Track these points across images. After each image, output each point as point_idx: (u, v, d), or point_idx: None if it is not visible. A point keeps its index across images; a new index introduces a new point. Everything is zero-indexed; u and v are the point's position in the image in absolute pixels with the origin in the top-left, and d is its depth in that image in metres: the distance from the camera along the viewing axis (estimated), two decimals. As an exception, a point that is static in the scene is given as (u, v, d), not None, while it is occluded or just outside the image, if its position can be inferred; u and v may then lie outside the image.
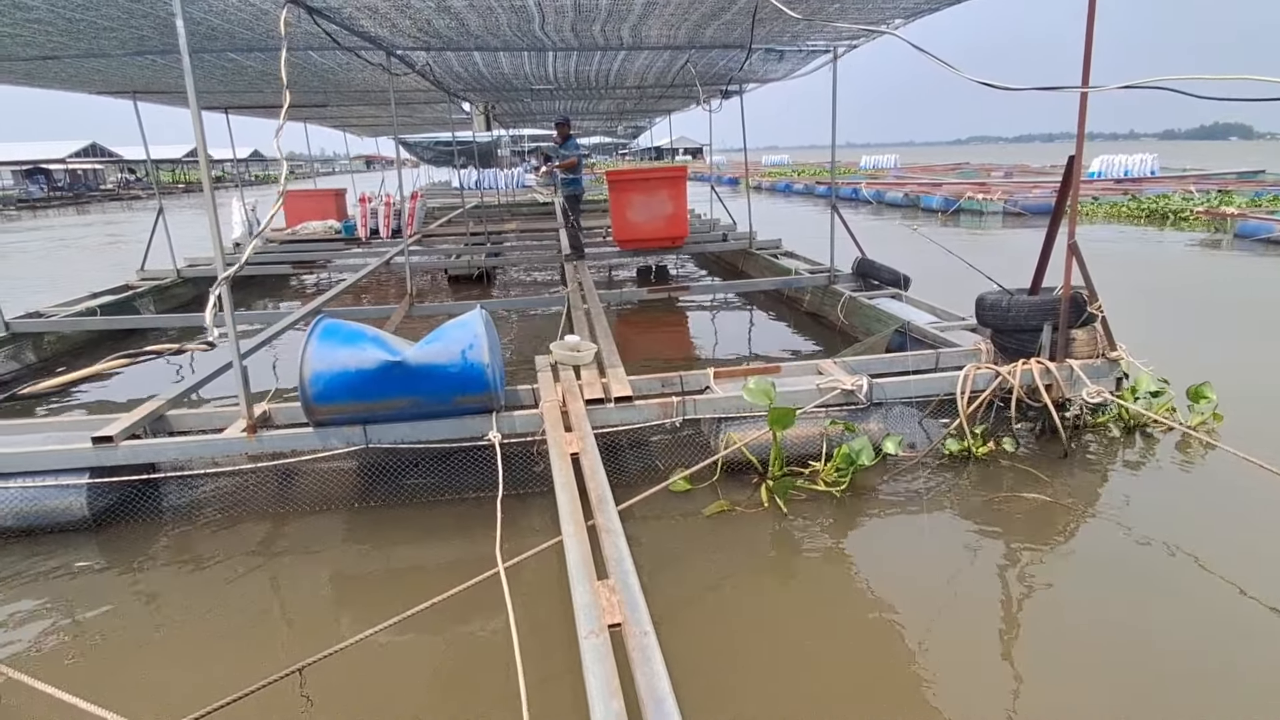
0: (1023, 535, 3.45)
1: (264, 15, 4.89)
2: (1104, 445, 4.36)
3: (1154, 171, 25.91)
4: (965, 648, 2.71)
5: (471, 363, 3.80)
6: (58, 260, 16.53)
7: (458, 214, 17.93)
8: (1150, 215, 16.56)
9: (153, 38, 5.42)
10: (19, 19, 4.44)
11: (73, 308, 7.83)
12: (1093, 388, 4.26)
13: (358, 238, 13.32)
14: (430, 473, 4.11)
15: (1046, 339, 4.41)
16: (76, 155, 42.19)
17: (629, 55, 7.33)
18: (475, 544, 3.50)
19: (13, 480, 3.63)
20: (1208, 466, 4.09)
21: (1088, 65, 3.69)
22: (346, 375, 3.72)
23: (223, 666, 2.73)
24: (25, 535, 3.69)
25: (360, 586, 3.32)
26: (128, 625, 3.06)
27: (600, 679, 2.02)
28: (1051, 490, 3.82)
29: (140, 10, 4.47)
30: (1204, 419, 4.43)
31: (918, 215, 20.09)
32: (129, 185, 46.46)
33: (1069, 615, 2.88)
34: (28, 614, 3.13)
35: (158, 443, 3.89)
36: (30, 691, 2.26)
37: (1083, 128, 3.94)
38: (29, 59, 5.94)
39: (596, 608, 2.33)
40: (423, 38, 5.97)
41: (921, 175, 31.55)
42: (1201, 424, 4.40)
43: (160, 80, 8.13)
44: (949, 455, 4.17)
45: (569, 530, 2.80)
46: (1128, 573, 3.13)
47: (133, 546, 3.65)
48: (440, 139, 22.05)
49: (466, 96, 10.78)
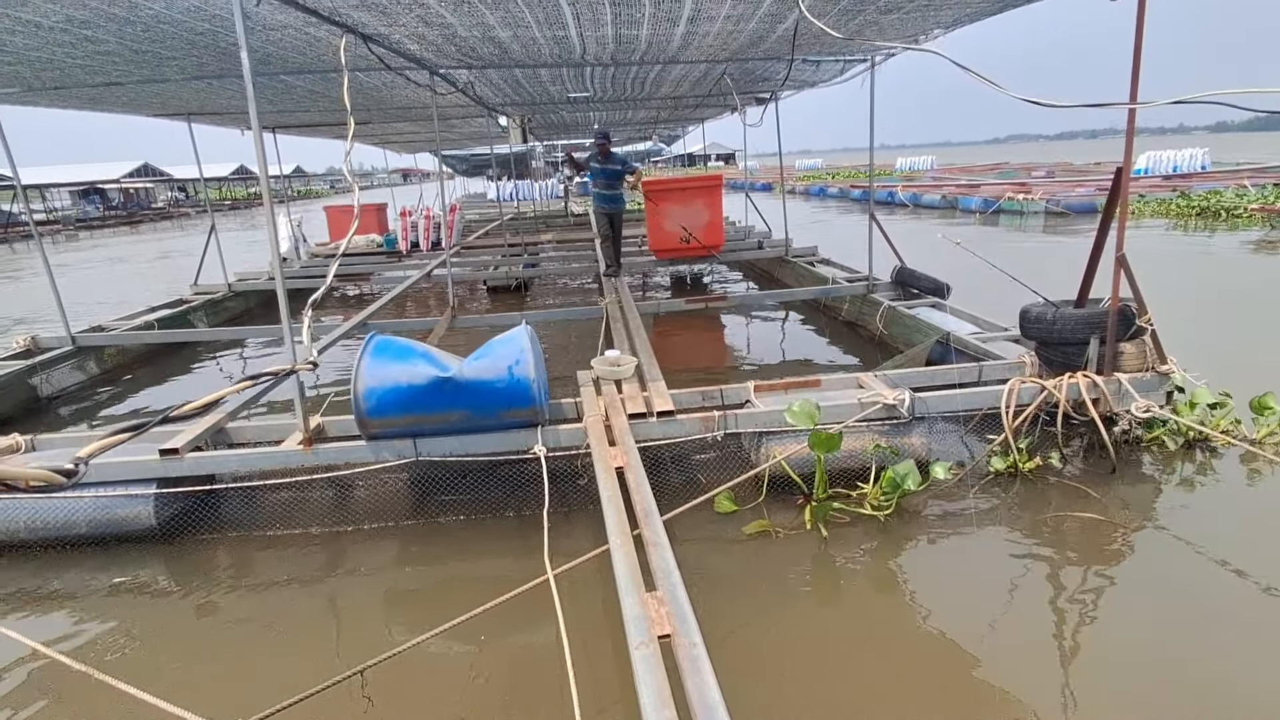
0: (1075, 555, 3.40)
1: (316, 41, 5.07)
2: (1158, 461, 4.27)
3: (1205, 166, 25.15)
4: (1015, 674, 2.71)
5: (518, 378, 3.90)
6: (115, 279, 17.17)
7: (494, 226, 18.22)
8: (1201, 213, 16.11)
9: (211, 64, 5.65)
10: (90, 51, 4.68)
11: (131, 321, 8.16)
12: (1142, 402, 4.19)
13: (399, 251, 13.63)
14: (476, 486, 4.22)
15: (1094, 352, 4.35)
16: (129, 175, 43.76)
17: (666, 67, 7.41)
18: (519, 557, 3.60)
19: (86, 490, 3.83)
20: (1274, 483, 3.99)
21: (1135, 79, 3.65)
22: (398, 390, 3.84)
23: (284, 670, 2.85)
24: (96, 544, 3.89)
25: (411, 596, 3.44)
26: (190, 631, 3.21)
27: (652, 689, 2.08)
28: (1103, 508, 3.76)
29: (202, 41, 4.68)
30: (1271, 431, 4.31)
31: (955, 216, 19.83)
32: (178, 204, 48.07)
33: (1125, 642, 2.84)
34: (102, 620, 3.31)
35: (220, 455, 4.06)
36: (107, 690, 2.40)
37: (1130, 142, 3.90)
38: (95, 85, 6.24)
39: (646, 619, 2.38)
40: (466, 59, 6.13)
41: (959, 176, 31.11)
42: (1269, 435, 4.28)
43: (213, 102, 8.44)
44: (994, 472, 4.14)
45: (616, 543, 2.87)
46: (1187, 597, 3.07)
47: (194, 555, 3.82)
48: (476, 152, 22.45)
49: (504, 110, 10.96)
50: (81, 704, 2.75)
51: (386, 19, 4.47)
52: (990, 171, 33.19)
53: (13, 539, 3.86)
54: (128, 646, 3.10)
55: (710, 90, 9.04)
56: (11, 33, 4.14)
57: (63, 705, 2.76)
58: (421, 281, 10.20)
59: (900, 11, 4.72)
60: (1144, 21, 3.65)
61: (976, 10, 4.82)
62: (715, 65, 7.45)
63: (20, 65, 5.06)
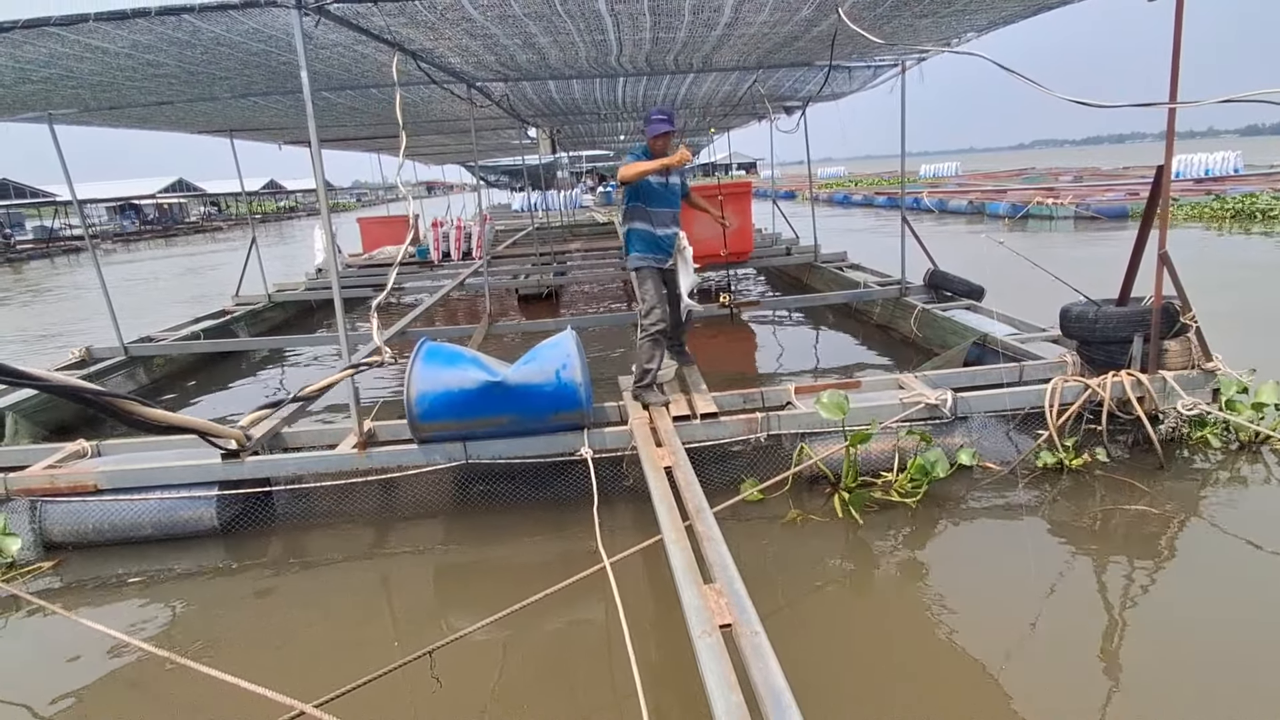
0: (1124, 546, 3.43)
1: (362, 59, 5.24)
2: (1209, 460, 4.24)
3: (1237, 169, 24.78)
4: (1064, 655, 2.73)
5: (565, 382, 3.99)
6: (157, 291, 17.62)
7: (521, 235, 18.44)
8: (1236, 215, 15.85)
9: (259, 82, 5.85)
10: (149, 73, 4.89)
11: (178, 332, 8.40)
12: (1188, 399, 4.18)
13: (430, 261, 13.85)
14: (521, 486, 4.31)
15: (1138, 350, 4.35)
16: (165, 190, 44.91)
17: (697, 78, 7.52)
18: (562, 552, 3.74)
19: (153, 492, 3.97)
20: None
21: (1175, 78, 3.67)
22: (450, 395, 3.95)
23: (351, 656, 2.95)
24: (160, 544, 4.03)
25: (464, 587, 3.56)
26: (258, 619, 3.33)
27: (718, 675, 2.14)
28: (1152, 500, 3.77)
29: (255, 60, 4.86)
30: None
31: (983, 222, 19.68)
32: (210, 218, 49.18)
33: (1178, 633, 2.85)
34: (177, 610, 3.44)
35: (279, 458, 4.19)
36: (192, 674, 2.51)
37: (1171, 141, 3.92)
38: (147, 105, 6.47)
39: (706, 609, 2.45)
40: (503, 70, 6.27)
41: (984, 182, 30.87)
42: None
43: (256, 118, 8.70)
44: (1042, 468, 4.15)
45: (671, 537, 2.93)
46: (1243, 589, 3.08)
47: (256, 551, 3.95)
48: (503, 163, 22.76)
49: (535, 122, 11.14)
50: (159, 690, 2.87)
51: (433, 34, 4.62)
52: (1016, 177, 32.88)
53: (82, 540, 4.01)
54: (199, 633, 3.23)
55: (739, 100, 9.12)
56: (80, 59, 4.34)
57: (141, 691, 2.88)
58: (455, 290, 10.38)
59: (935, 16, 4.78)
60: (1182, 20, 3.67)
61: (1011, 13, 4.85)
62: (745, 76, 7.55)
63: (82, 89, 5.28)
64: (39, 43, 3.90)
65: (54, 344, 10.58)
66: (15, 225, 35.08)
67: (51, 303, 16.32)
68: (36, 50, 4.04)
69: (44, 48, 4.02)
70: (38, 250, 30.93)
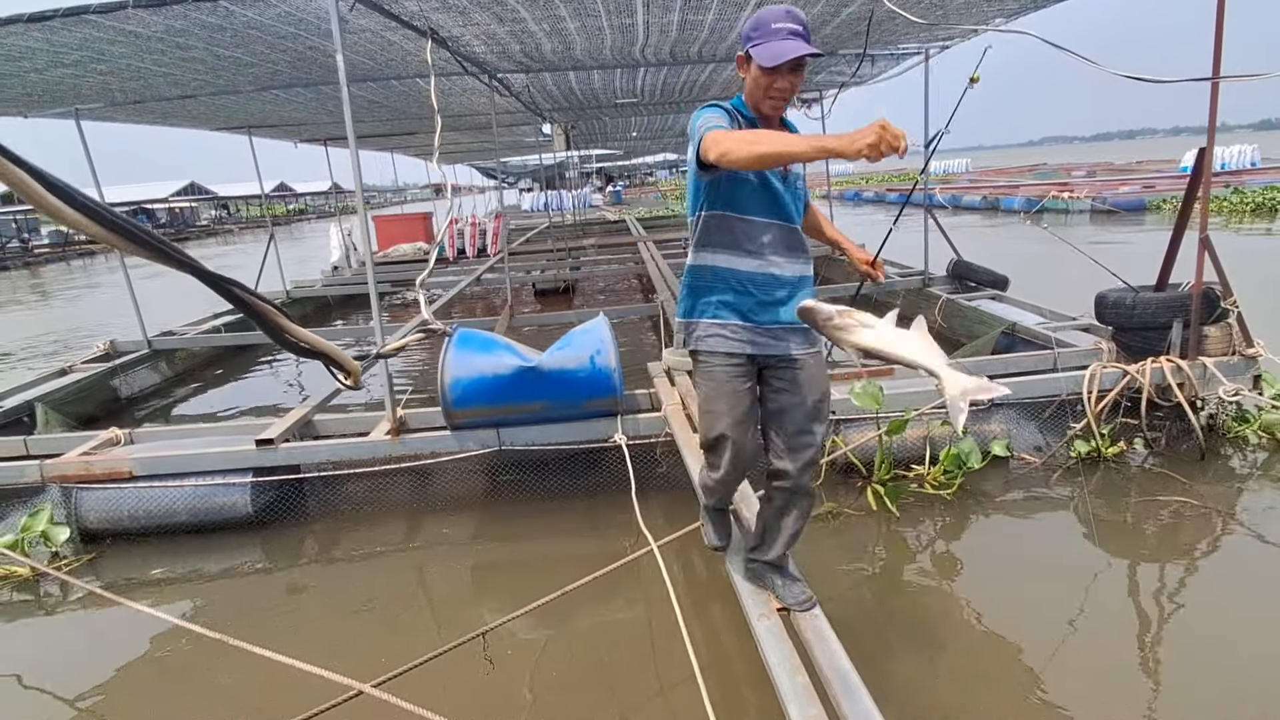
0: (1164, 539, 3.38)
1: (389, 46, 5.23)
2: (1243, 456, 4.15)
3: (1254, 163, 24.55)
4: (1103, 648, 2.69)
5: (600, 367, 3.96)
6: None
7: (535, 233, 18.46)
8: (1257, 209, 15.70)
9: (284, 71, 5.84)
10: (177, 58, 4.88)
11: (199, 326, 8.42)
12: (1230, 386, 4.11)
13: (445, 258, 13.86)
14: (554, 473, 4.28)
15: (1176, 336, 4.29)
16: (177, 194, 45.18)
17: (718, 67, 7.48)
18: (595, 538, 3.73)
19: (188, 480, 3.97)
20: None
21: (1218, 53, 3.61)
22: (484, 381, 3.93)
23: (398, 643, 2.93)
24: (195, 538, 4.01)
25: (503, 577, 3.54)
26: (300, 609, 3.32)
27: (781, 656, 2.11)
28: (1192, 492, 3.69)
29: (283, 44, 4.85)
30: None
31: (997, 217, 19.57)
32: (222, 221, 49.45)
33: (1219, 629, 2.80)
34: (217, 602, 3.44)
35: (313, 445, 4.18)
36: (241, 660, 2.50)
37: (1213, 118, 3.86)
38: (170, 99, 6.49)
39: (761, 594, 2.42)
40: (526, 61, 6.25)
41: (997, 178, 30.69)
42: None
43: (275, 114, 8.71)
44: (1077, 458, 4.09)
45: (717, 522, 2.89)
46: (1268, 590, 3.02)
47: (291, 543, 3.94)
48: (513, 162, 22.78)
49: (552, 117, 11.12)
50: (207, 677, 2.85)
51: (463, 19, 4.60)
52: (1028, 173, 32.69)
53: (116, 527, 4.00)
54: (243, 622, 3.21)
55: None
56: (112, 43, 4.34)
57: (190, 679, 2.87)
58: (470, 286, 10.37)
59: (967, 0, 4.73)
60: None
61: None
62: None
63: (110, 75, 5.29)
64: (75, 28, 3.90)
65: (80, 337, 10.67)
66: (31, 230, 35.32)
67: (71, 302, 16.43)
68: (71, 34, 4.04)
69: (79, 32, 4.03)
70: (54, 254, 31.13)
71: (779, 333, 2.21)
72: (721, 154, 1.85)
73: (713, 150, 1.88)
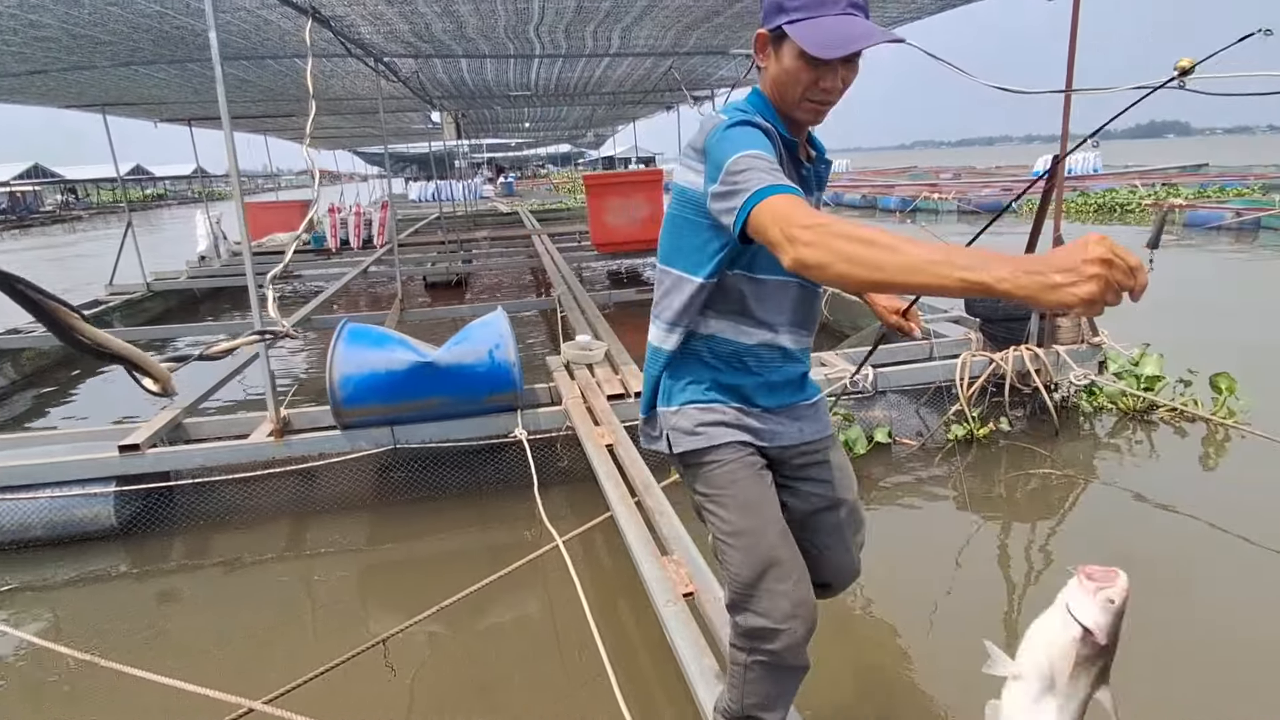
0: (1032, 505, 3.74)
1: (265, 25, 4.91)
2: (1092, 425, 4.67)
3: (1097, 169, 27.13)
4: (985, 610, 2.93)
5: (499, 362, 3.90)
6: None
7: (424, 224, 17.87)
8: (1099, 210, 17.37)
9: (146, 48, 5.38)
10: (29, 37, 4.40)
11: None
12: (1079, 370, 4.55)
13: (327, 249, 13.20)
14: (452, 470, 4.18)
15: (1034, 327, 4.69)
16: (20, 177, 40.61)
17: (612, 62, 7.49)
18: (500, 535, 3.69)
19: (42, 491, 3.60)
20: (1200, 443, 4.40)
21: (1071, 68, 3.98)
22: (376, 377, 3.77)
23: (292, 655, 2.78)
24: (54, 546, 3.65)
25: (402, 580, 3.42)
26: (177, 623, 3.09)
27: (688, 640, 2.16)
28: (1053, 461, 4.13)
29: (145, 24, 4.46)
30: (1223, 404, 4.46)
31: (875, 215, 20.68)
32: (69, 206, 44.90)
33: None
34: (83, 616, 3.13)
35: (185, 449, 3.89)
36: (117, 682, 2.30)
37: (1066, 127, 4.25)
38: (18, 75, 5.83)
39: (668, 580, 2.46)
40: (416, 44, 6.03)
41: (874, 178, 32.41)
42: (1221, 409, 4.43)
43: (133, 91, 8.01)
44: (954, 440, 4.41)
45: (622, 512, 2.93)
46: (1131, 541, 3.40)
47: (161, 552, 3.66)
48: (399, 148, 21.94)
49: (442, 105, 10.79)
50: (76, 696, 2.61)
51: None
52: (902, 174, 34.72)
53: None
54: (112, 638, 2.95)
55: (654, 86, 9.17)
56: (-57, 9, 3.86)
57: (51, 699, 2.61)
58: (356, 279, 9.94)
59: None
60: (1079, 15, 3.98)
61: (920, 8, 5.10)
62: (660, 61, 7.59)
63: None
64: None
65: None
66: None
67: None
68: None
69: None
70: None
71: (788, 414, 1.64)
72: (814, 263, 1.05)
73: (789, 250, 1.09)
